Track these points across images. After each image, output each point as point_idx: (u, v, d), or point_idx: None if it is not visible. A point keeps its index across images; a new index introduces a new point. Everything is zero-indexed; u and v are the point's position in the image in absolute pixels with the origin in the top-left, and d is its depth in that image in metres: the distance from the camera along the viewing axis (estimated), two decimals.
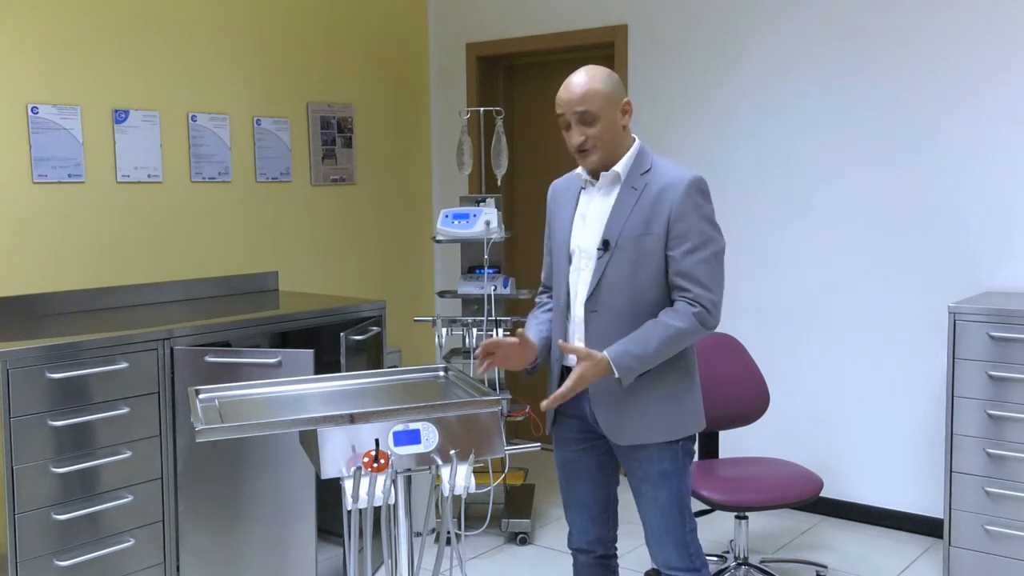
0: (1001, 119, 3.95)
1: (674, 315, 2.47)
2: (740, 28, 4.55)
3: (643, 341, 2.45)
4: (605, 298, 2.52)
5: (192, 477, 3.47)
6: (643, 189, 2.51)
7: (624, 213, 2.51)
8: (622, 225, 2.51)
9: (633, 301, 2.51)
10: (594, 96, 2.49)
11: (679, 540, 2.61)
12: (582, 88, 2.49)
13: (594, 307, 2.54)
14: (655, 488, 2.58)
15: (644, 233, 2.49)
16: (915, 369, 4.22)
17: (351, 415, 2.24)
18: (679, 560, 2.62)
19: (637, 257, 2.49)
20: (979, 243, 4.04)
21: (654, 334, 2.46)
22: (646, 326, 2.48)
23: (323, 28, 4.98)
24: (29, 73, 3.82)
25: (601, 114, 2.50)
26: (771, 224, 4.54)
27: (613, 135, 2.53)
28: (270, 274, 4.65)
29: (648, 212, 2.49)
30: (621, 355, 2.45)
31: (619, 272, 2.51)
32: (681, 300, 2.48)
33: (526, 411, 3.27)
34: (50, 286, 3.90)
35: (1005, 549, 3.60)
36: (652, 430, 2.54)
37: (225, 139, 4.52)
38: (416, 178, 5.59)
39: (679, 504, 2.60)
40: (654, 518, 2.61)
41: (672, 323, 2.46)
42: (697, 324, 2.47)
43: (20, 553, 3.07)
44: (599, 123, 2.50)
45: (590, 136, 2.50)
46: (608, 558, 2.80)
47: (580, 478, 2.71)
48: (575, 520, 2.76)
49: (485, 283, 4.14)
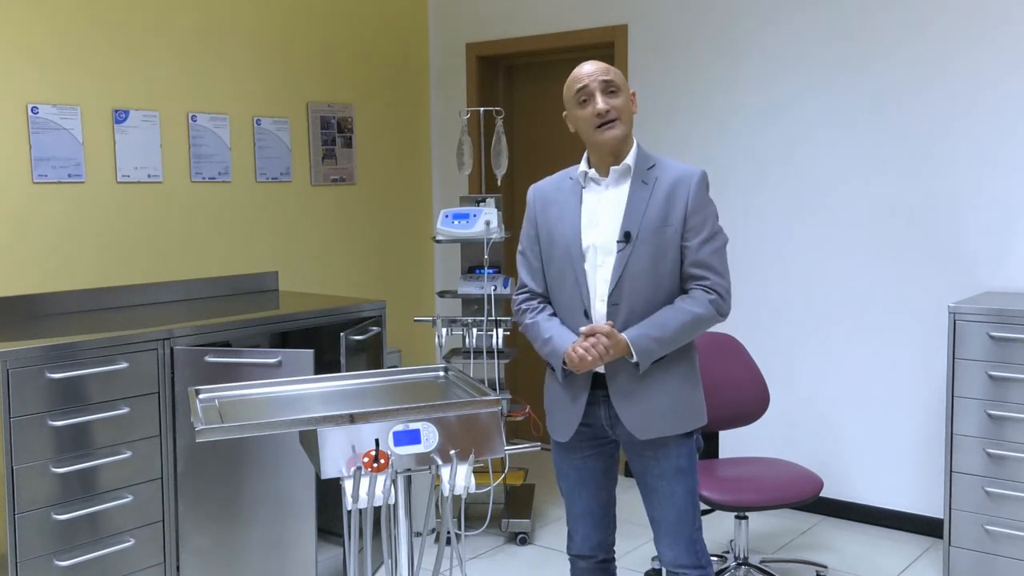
0: (1001, 119, 3.95)
1: (691, 301, 2.51)
2: (740, 28, 4.55)
3: (661, 324, 2.49)
4: (627, 291, 2.53)
5: (192, 477, 3.47)
6: (654, 183, 2.55)
7: (641, 206, 2.53)
8: (641, 217, 2.52)
9: (653, 293, 2.53)
10: (618, 73, 2.58)
11: (689, 537, 2.63)
12: (605, 64, 2.58)
13: (616, 300, 2.53)
14: (672, 484, 2.59)
15: (663, 225, 2.52)
16: (915, 369, 4.22)
17: (351, 415, 2.24)
18: (688, 558, 2.63)
19: (656, 249, 2.52)
20: (979, 243, 4.04)
21: (672, 319, 2.50)
22: (663, 311, 2.51)
23: (323, 28, 4.98)
24: (29, 73, 3.82)
25: (623, 90, 2.56)
26: (771, 224, 4.54)
27: (630, 116, 2.59)
28: (270, 274, 4.65)
29: (664, 204, 2.53)
30: (640, 337, 2.48)
31: (640, 264, 2.52)
32: (697, 288, 2.53)
33: (526, 411, 3.27)
34: (50, 286, 3.90)
35: (1005, 549, 3.60)
36: (670, 422, 2.56)
37: (225, 139, 4.52)
38: (416, 178, 5.59)
39: (693, 501, 2.63)
40: (669, 515, 2.61)
41: (690, 308, 2.50)
42: (713, 311, 2.52)
43: (20, 553, 3.07)
44: (622, 96, 2.55)
45: (614, 107, 2.53)
46: (607, 562, 2.80)
47: (586, 484, 2.71)
48: (580, 527, 2.75)
49: (485, 283, 4.14)
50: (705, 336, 3.78)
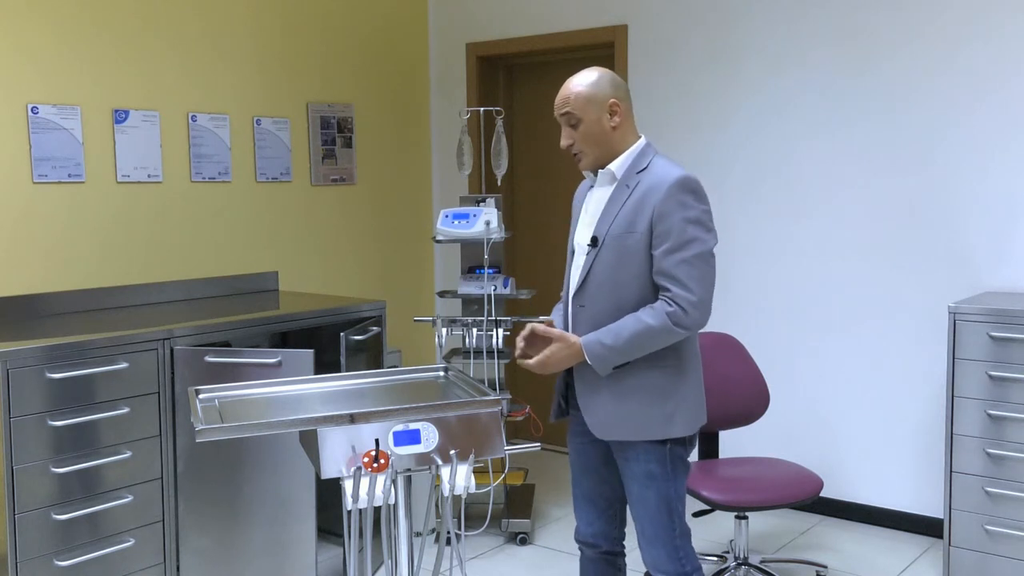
0: (1001, 119, 3.95)
1: (649, 312, 2.49)
2: (740, 28, 4.55)
3: (615, 332, 2.50)
4: (591, 293, 2.58)
5: (192, 477, 3.47)
6: (634, 188, 2.55)
7: (613, 211, 2.56)
8: (610, 222, 2.56)
9: (616, 298, 2.55)
10: (576, 99, 2.56)
11: (668, 544, 2.60)
12: (565, 92, 2.58)
13: (581, 302, 2.60)
14: (642, 488, 2.59)
15: (628, 231, 2.52)
16: (915, 369, 4.22)
17: (351, 415, 2.24)
18: (669, 564, 2.61)
19: (620, 255, 2.53)
20: (979, 243, 4.04)
21: (626, 327, 2.50)
22: (623, 319, 2.53)
23: (323, 28, 4.98)
24: (29, 73, 3.82)
25: (584, 116, 2.55)
26: (771, 224, 4.54)
27: (598, 136, 2.57)
28: (270, 274, 4.65)
29: (633, 211, 2.53)
30: (591, 342, 2.52)
31: (604, 268, 2.56)
32: (661, 299, 2.51)
33: (526, 411, 3.28)
34: (50, 286, 3.91)
35: (1005, 549, 3.60)
36: (633, 428, 2.56)
37: (225, 139, 4.52)
38: (416, 178, 5.59)
39: (668, 508, 2.59)
40: (643, 518, 2.62)
41: (644, 319, 2.48)
42: (669, 323, 2.46)
43: (20, 553, 3.07)
44: (581, 125, 2.57)
45: (575, 139, 2.58)
46: (614, 555, 2.80)
47: (586, 470, 2.75)
48: (581, 512, 2.79)
49: (485, 283, 4.14)
50: (705, 336, 3.78)
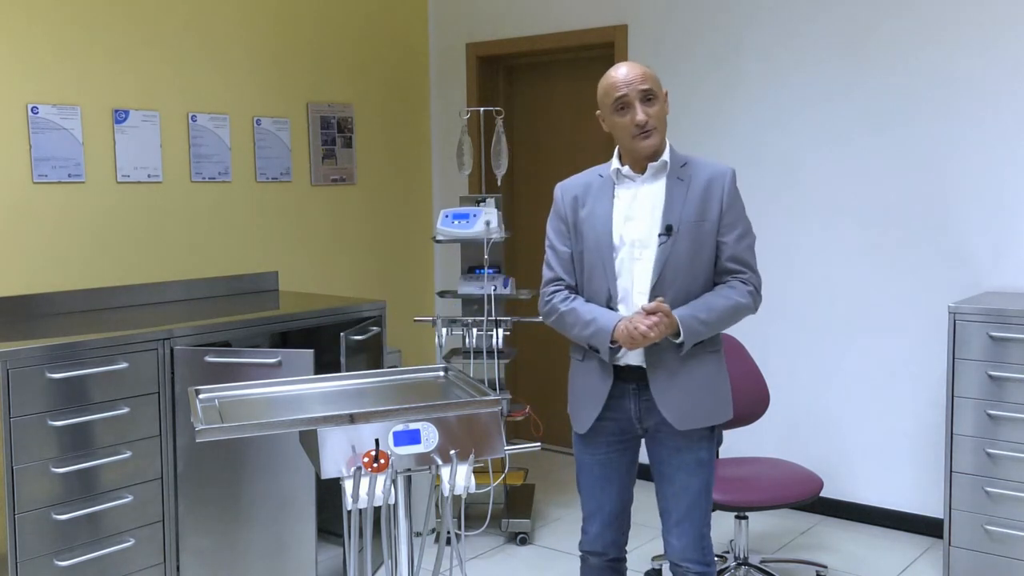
0: (1001, 120, 3.95)
1: (733, 291, 2.59)
2: (740, 29, 4.55)
3: (708, 308, 2.55)
4: (668, 281, 2.57)
5: (192, 477, 3.47)
6: (689, 180, 2.60)
7: (679, 201, 2.59)
8: (680, 211, 2.58)
9: (691, 284, 2.58)
10: (654, 78, 2.60)
11: (698, 532, 2.65)
12: (641, 69, 2.59)
13: (659, 292, 2.57)
14: (689, 476, 2.62)
15: (701, 220, 2.58)
16: (915, 369, 4.22)
17: (351, 415, 2.24)
18: (695, 552, 2.65)
19: (694, 243, 2.58)
20: (979, 243, 4.04)
21: (717, 303, 2.56)
22: (706, 297, 2.58)
23: (323, 28, 4.98)
24: (29, 73, 3.82)
25: (659, 94, 2.60)
26: (771, 224, 4.53)
27: (664, 118, 2.63)
28: (270, 274, 4.65)
29: (700, 200, 2.59)
30: (688, 317, 2.53)
31: (680, 257, 2.57)
32: (737, 280, 2.60)
33: (526, 411, 3.27)
34: (50, 286, 3.90)
35: (1005, 549, 3.60)
36: (703, 414, 2.61)
37: (225, 139, 4.52)
38: (416, 178, 5.60)
39: (707, 494, 2.66)
40: (680, 508, 2.63)
41: (734, 296, 2.58)
42: (751, 302, 2.61)
43: (20, 553, 3.07)
44: (658, 104, 2.59)
45: (651, 116, 2.57)
46: (619, 561, 2.81)
47: (610, 480, 2.72)
48: (595, 523, 2.75)
49: (485, 283, 4.14)
50: None
